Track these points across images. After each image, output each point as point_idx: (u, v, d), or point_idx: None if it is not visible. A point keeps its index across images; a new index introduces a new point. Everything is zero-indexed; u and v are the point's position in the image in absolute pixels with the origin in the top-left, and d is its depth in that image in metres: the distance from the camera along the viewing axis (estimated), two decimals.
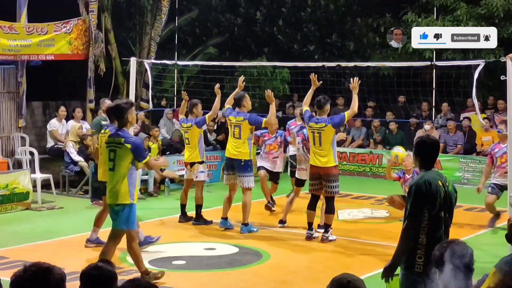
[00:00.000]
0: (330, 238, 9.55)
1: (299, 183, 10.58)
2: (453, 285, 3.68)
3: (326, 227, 9.60)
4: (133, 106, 7.47)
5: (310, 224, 9.76)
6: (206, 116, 10.69)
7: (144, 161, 7.15)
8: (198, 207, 10.77)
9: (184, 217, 10.89)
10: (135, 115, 7.47)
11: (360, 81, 9.87)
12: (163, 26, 17.59)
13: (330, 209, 9.58)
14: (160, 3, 17.45)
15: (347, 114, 9.58)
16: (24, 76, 14.23)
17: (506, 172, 10.07)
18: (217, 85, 10.87)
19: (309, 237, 9.71)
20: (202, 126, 10.85)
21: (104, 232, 9.23)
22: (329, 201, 9.59)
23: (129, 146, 7.02)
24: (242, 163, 10.05)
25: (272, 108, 10.12)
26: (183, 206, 10.93)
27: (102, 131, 9.39)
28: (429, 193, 4.93)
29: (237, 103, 10.32)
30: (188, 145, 10.86)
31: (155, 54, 17.53)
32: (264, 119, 10.11)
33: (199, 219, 10.75)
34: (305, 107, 9.97)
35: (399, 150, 10.85)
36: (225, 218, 10.35)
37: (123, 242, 9.23)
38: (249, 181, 10.06)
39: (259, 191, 11.47)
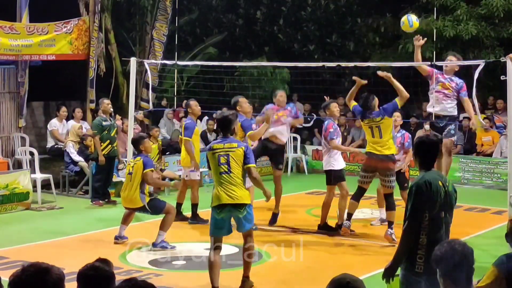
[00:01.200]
0: (393, 236, 9.26)
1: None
2: (454, 285, 3.68)
3: (390, 224, 9.55)
4: (237, 117, 7.93)
5: (350, 215, 9.72)
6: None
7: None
8: (194, 206, 10.76)
9: (178, 216, 10.80)
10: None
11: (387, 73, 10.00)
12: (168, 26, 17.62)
13: (391, 205, 9.58)
14: (163, 3, 17.45)
15: (398, 101, 9.68)
16: (26, 76, 14.24)
17: None
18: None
19: (347, 227, 9.67)
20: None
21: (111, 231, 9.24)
22: (389, 197, 9.59)
23: (243, 148, 7.33)
24: None
25: (263, 128, 10.06)
26: (178, 205, 10.89)
27: (131, 160, 9.43)
28: (429, 194, 4.93)
29: (233, 107, 10.36)
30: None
31: (162, 54, 17.53)
32: (251, 131, 10.06)
33: (195, 218, 10.72)
34: (353, 102, 10.11)
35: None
36: None
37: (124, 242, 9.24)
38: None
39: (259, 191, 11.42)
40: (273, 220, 10.73)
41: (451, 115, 9.96)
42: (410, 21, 10.05)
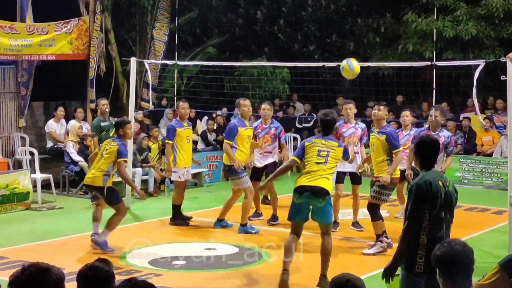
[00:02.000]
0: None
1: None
2: (453, 285, 3.68)
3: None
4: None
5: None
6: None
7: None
8: (173, 207, 10.72)
9: (181, 218, 10.83)
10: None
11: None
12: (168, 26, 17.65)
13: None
14: (163, 2, 17.46)
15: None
16: (32, 76, 14.26)
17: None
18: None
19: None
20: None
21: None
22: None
23: (342, 149, 7.74)
24: (226, 168, 10.29)
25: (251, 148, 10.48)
26: (177, 207, 10.85)
27: (109, 140, 9.42)
28: (430, 193, 4.93)
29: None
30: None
31: (162, 54, 17.56)
32: (226, 141, 10.18)
33: (175, 219, 10.69)
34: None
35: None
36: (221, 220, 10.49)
37: (123, 240, 9.25)
38: (242, 182, 10.09)
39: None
40: (272, 219, 10.88)
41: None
42: (351, 65, 9.56)
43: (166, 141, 10.80)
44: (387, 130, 9.18)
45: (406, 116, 10.76)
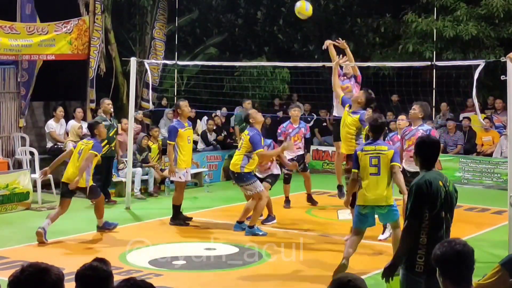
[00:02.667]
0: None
1: None
2: (453, 284, 3.68)
3: None
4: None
5: None
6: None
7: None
8: (174, 207, 10.69)
9: (181, 217, 10.84)
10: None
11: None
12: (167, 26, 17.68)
13: None
14: (163, 2, 17.47)
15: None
16: (33, 77, 14.26)
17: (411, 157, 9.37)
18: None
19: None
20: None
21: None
22: None
23: (392, 151, 7.91)
24: (236, 175, 10.15)
25: (275, 153, 10.63)
26: (177, 207, 10.81)
27: (85, 140, 10.03)
28: (430, 193, 4.93)
29: (245, 121, 10.67)
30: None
31: (163, 53, 17.56)
32: (261, 150, 10.03)
33: (175, 219, 10.68)
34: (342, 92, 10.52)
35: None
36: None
37: (123, 240, 9.24)
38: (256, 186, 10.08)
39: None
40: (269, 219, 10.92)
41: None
42: (307, 5, 10.94)
43: (168, 141, 10.80)
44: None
45: (402, 119, 10.91)
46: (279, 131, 12.23)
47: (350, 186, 8.21)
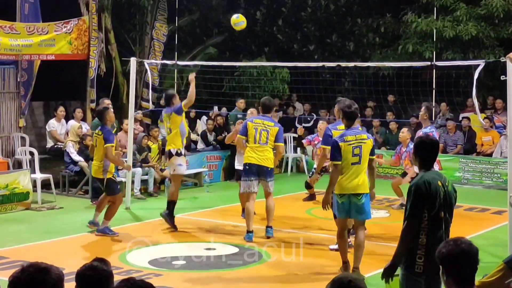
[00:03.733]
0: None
1: None
2: (456, 283, 3.68)
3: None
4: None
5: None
6: (182, 103, 10.43)
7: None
8: (171, 203, 10.33)
9: (170, 217, 10.46)
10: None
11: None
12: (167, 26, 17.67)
13: None
14: (163, 2, 17.46)
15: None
16: (33, 76, 14.25)
17: None
18: (192, 74, 10.81)
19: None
20: (181, 113, 10.45)
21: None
22: None
23: (372, 140, 7.99)
24: (269, 169, 9.83)
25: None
26: (171, 203, 10.46)
27: (97, 131, 10.05)
28: (429, 193, 4.93)
29: (267, 109, 10.07)
30: (169, 135, 10.51)
31: (162, 54, 17.56)
32: (282, 144, 10.01)
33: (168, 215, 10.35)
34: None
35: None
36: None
37: (123, 240, 9.25)
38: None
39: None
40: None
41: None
42: (236, 16, 11.15)
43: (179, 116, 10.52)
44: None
45: (402, 132, 11.61)
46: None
47: (334, 178, 7.87)
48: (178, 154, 10.35)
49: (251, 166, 9.73)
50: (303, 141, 13.02)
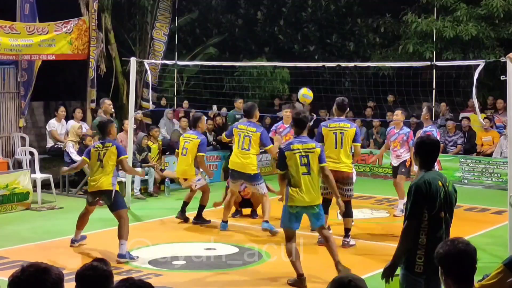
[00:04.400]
0: (350, 242, 9.43)
1: None
2: (455, 283, 3.68)
3: (347, 231, 9.43)
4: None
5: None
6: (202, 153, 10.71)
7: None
8: (200, 207, 10.81)
9: (182, 215, 10.87)
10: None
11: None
12: (168, 26, 17.67)
13: (348, 213, 9.37)
14: (163, 3, 17.45)
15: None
16: (33, 76, 14.25)
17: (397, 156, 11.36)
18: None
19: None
20: (203, 151, 10.78)
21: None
22: (347, 204, 9.42)
23: (320, 149, 7.72)
24: (252, 175, 10.06)
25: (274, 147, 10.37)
26: (185, 204, 10.91)
27: (99, 144, 9.10)
28: (429, 193, 4.93)
29: (249, 115, 10.30)
30: (185, 156, 10.70)
31: (163, 54, 17.56)
32: (271, 145, 10.23)
33: (198, 219, 10.77)
34: None
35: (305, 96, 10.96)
36: (225, 221, 10.38)
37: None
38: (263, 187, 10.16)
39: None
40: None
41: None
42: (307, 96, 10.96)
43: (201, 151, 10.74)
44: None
45: (397, 115, 11.51)
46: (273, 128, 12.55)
47: (281, 186, 7.93)
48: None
49: (233, 172, 10.19)
50: (269, 134, 12.33)
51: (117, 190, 8.96)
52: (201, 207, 10.81)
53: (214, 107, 17.13)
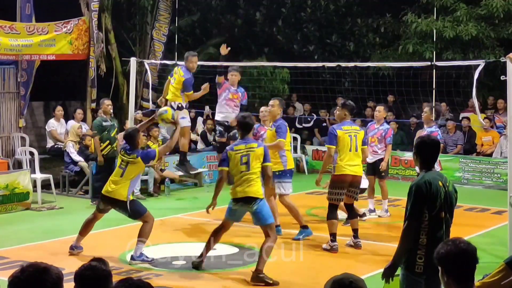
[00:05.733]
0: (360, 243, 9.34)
1: None
2: (456, 283, 3.68)
3: (355, 231, 9.38)
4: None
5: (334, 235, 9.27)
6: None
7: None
8: (182, 154, 10.96)
9: (184, 164, 11.19)
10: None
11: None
12: (168, 26, 17.66)
13: (353, 215, 9.49)
14: (163, 3, 17.46)
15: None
16: (32, 76, 14.26)
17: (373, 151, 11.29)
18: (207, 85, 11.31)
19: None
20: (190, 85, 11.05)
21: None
22: (351, 206, 9.47)
23: (262, 148, 8.11)
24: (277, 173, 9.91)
25: None
26: (181, 153, 11.12)
27: (123, 152, 8.68)
28: (429, 194, 4.93)
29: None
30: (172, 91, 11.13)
31: (162, 54, 17.56)
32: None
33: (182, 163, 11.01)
34: None
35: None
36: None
37: (123, 240, 9.25)
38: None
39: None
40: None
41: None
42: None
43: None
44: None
45: (379, 111, 11.50)
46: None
47: (219, 185, 8.15)
48: (180, 108, 10.66)
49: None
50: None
51: (132, 199, 8.63)
52: (182, 153, 10.91)
53: (207, 107, 17.13)
